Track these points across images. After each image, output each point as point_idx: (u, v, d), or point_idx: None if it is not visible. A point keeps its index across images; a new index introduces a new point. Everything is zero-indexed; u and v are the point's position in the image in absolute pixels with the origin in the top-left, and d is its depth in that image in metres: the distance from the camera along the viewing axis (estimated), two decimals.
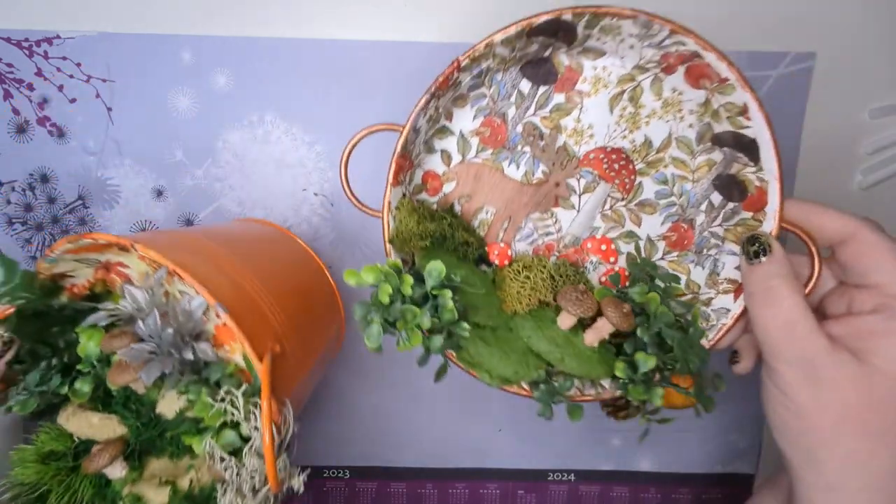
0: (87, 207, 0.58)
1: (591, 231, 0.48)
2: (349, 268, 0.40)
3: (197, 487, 0.42)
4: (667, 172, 0.46)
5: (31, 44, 0.55)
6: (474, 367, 0.43)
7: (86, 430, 0.42)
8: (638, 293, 0.44)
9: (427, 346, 0.40)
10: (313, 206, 0.58)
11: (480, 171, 0.47)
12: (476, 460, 0.64)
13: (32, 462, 0.42)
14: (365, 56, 0.56)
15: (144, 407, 0.43)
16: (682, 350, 0.42)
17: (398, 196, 0.45)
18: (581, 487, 0.65)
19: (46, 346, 0.43)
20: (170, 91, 0.56)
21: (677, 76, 0.43)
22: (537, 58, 0.44)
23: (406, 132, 0.43)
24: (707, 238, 0.46)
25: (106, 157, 0.57)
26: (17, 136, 0.56)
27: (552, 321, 0.44)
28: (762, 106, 0.39)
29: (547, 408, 0.44)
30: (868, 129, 0.58)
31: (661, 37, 0.40)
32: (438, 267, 0.40)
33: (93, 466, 0.41)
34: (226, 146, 0.57)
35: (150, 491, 0.42)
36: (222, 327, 0.42)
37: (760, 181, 0.42)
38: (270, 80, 0.56)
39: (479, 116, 0.46)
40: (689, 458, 0.64)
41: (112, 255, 0.42)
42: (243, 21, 0.55)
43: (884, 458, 0.37)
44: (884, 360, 0.37)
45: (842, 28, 0.56)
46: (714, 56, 0.39)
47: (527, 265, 0.46)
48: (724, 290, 0.45)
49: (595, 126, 0.46)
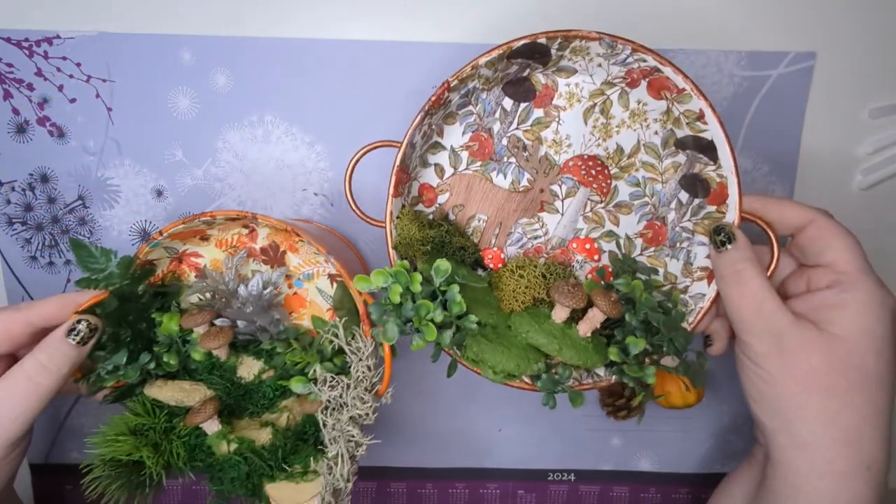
0: (87, 207, 0.58)
1: (574, 232, 0.53)
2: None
3: (293, 424, 0.50)
4: (638, 175, 0.51)
5: (31, 44, 0.55)
6: (478, 365, 0.47)
7: (179, 396, 0.48)
8: (623, 284, 0.47)
9: (439, 341, 0.43)
10: (313, 206, 0.58)
11: (472, 181, 0.52)
12: (476, 460, 0.64)
13: (125, 434, 0.47)
14: (365, 56, 0.56)
15: (227, 372, 0.50)
16: (667, 330, 0.46)
17: (398, 207, 0.49)
18: (581, 487, 0.65)
19: (127, 329, 0.47)
20: (170, 91, 0.56)
21: (641, 89, 0.48)
22: (517, 77, 0.49)
23: (404, 147, 0.46)
24: (679, 233, 0.51)
25: (106, 157, 0.57)
26: (17, 136, 0.56)
27: (547, 316, 0.48)
28: (715, 111, 0.44)
29: (550, 397, 0.47)
30: (868, 129, 0.58)
31: (624, 55, 0.45)
32: (444, 264, 0.43)
33: (197, 419, 0.47)
34: (226, 146, 0.57)
35: (252, 433, 0.50)
36: (292, 296, 0.52)
37: (720, 177, 0.47)
38: (270, 80, 0.56)
39: (468, 132, 0.51)
40: (689, 458, 0.65)
41: (191, 246, 0.51)
42: (243, 21, 0.55)
43: (849, 416, 0.42)
44: (840, 327, 0.42)
45: (842, 28, 0.56)
46: (671, 70, 0.44)
47: (520, 265, 0.51)
48: (698, 278, 0.50)
49: (572, 136, 0.51)
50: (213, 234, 0.51)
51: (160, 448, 0.48)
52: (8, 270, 0.59)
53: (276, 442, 0.49)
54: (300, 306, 0.53)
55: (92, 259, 0.46)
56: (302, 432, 0.50)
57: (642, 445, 0.64)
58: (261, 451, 0.48)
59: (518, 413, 0.63)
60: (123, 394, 0.49)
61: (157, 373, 0.49)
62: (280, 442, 0.49)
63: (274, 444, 0.49)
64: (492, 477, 0.65)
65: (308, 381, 0.48)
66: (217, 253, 0.51)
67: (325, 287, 0.52)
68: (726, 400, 0.63)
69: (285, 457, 0.48)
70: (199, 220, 0.46)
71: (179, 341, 0.49)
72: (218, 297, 0.50)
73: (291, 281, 0.52)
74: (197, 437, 0.49)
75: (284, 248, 0.52)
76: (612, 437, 0.64)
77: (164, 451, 0.48)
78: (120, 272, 0.47)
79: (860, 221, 0.60)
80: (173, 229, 0.46)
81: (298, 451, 0.49)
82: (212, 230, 0.50)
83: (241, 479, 0.48)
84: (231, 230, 0.51)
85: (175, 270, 0.51)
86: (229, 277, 0.49)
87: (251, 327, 0.50)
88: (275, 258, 0.52)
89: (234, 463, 0.48)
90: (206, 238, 0.50)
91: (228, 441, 0.48)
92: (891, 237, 0.61)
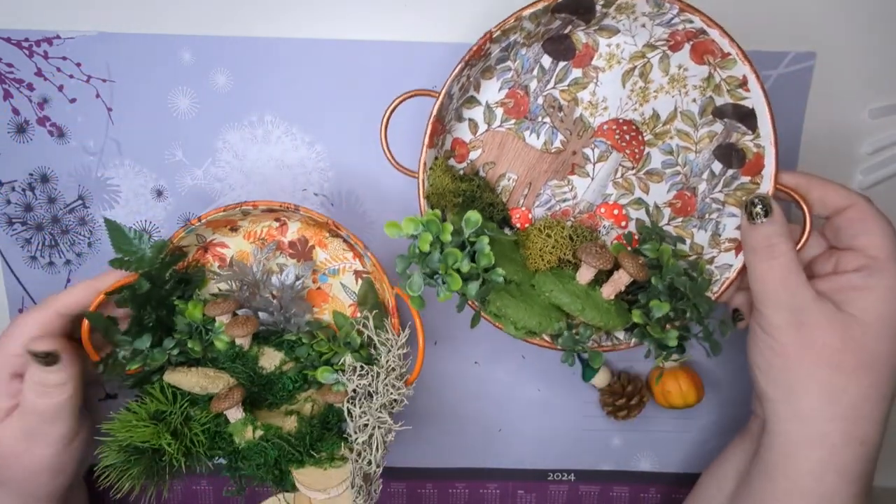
0: (87, 207, 0.58)
1: (603, 198, 0.52)
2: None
3: (317, 413, 0.51)
4: (672, 144, 0.50)
5: (31, 44, 0.55)
6: (500, 319, 0.47)
7: (203, 383, 0.48)
8: (651, 249, 0.48)
9: (465, 292, 0.43)
10: (313, 206, 0.58)
11: (504, 139, 0.51)
12: (476, 460, 0.64)
13: (145, 420, 0.47)
14: (365, 56, 0.56)
15: (249, 362, 0.51)
16: (692, 295, 0.46)
17: (432, 158, 0.49)
18: (581, 487, 0.65)
19: (151, 314, 0.48)
20: (170, 91, 0.56)
21: (683, 53, 0.48)
22: (558, 34, 0.48)
23: (442, 97, 0.46)
24: (709, 204, 0.51)
25: (106, 157, 0.57)
26: (17, 136, 0.56)
27: (571, 277, 0.49)
28: (759, 77, 0.44)
29: (569, 355, 0.48)
30: (868, 129, 0.58)
31: (671, 15, 0.44)
32: (475, 216, 0.43)
33: (222, 406, 0.47)
34: (226, 146, 0.57)
35: (276, 421, 0.50)
36: (316, 291, 0.54)
37: (758, 147, 0.47)
38: (270, 80, 0.56)
39: (504, 88, 0.50)
40: (689, 458, 0.64)
41: (219, 235, 0.52)
42: (243, 21, 0.55)
43: (852, 393, 0.43)
44: (861, 310, 0.43)
45: (842, 28, 0.56)
46: (717, 32, 0.44)
47: (548, 225, 0.51)
48: (725, 249, 0.50)
49: (609, 99, 0.50)
50: (244, 226, 0.52)
51: (180, 435, 0.48)
52: (8, 270, 0.59)
53: (302, 429, 0.50)
54: (323, 301, 0.54)
55: (126, 241, 0.47)
56: (326, 421, 0.51)
57: (642, 445, 0.64)
58: (288, 438, 0.49)
59: (518, 413, 0.63)
60: (142, 380, 0.49)
61: (178, 360, 0.50)
62: (306, 429, 0.50)
63: (301, 431, 0.50)
64: (492, 477, 0.65)
65: (335, 370, 0.48)
66: (244, 244, 0.52)
67: (350, 283, 0.54)
68: (726, 400, 0.63)
69: (312, 443, 0.49)
70: (240, 209, 0.47)
71: (203, 329, 0.50)
72: (243, 287, 0.51)
73: (317, 276, 0.54)
74: (217, 424, 0.49)
75: (313, 244, 0.53)
76: (612, 437, 0.64)
77: (185, 437, 0.48)
78: (152, 255, 0.47)
79: None
80: (212, 216, 0.47)
81: (324, 439, 0.50)
82: (244, 221, 0.51)
83: (268, 465, 0.48)
84: (262, 222, 0.52)
85: (199, 259, 0.52)
86: (257, 269, 0.51)
87: (274, 318, 0.51)
88: (303, 252, 0.53)
89: (262, 449, 0.48)
90: (236, 229, 0.51)
91: (255, 427, 0.49)
92: None
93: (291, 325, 0.52)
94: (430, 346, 0.61)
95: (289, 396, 0.52)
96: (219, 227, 0.51)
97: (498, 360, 0.62)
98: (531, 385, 0.62)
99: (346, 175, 0.58)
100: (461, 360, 0.62)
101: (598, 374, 0.60)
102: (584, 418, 0.63)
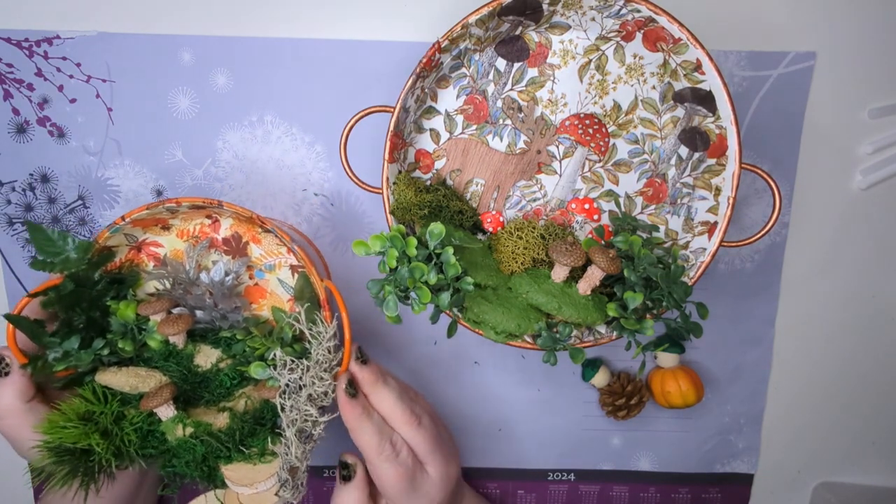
0: (87, 207, 0.58)
1: (573, 193, 0.52)
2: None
3: (251, 409, 0.50)
4: (637, 132, 0.51)
5: (31, 44, 0.55)
6: (479, 326, 0.48)
7: (134, 382, 0.48)
8: (622, 241, 0.48)
9: (436, 303, 0.44)
10: (313, 206, 0.58)
11: (468, 145, 0.52)
12: (476, 460, 0.64)
13: (74, 421, 0.46)
14: (365, 56, 0.56)
15: (183, 360, 0.50)
16: (666, 284, 0.46)
17: (395, 172, 0.49)
18: (581, 487, 0.65)
19: (80, 316, 0.47)
20: (170, 91, 0.56)
21: (636, 42, 0.48)
22: (510, 36, 0.49)
23: (397, 112, 0.47)
24: (679, 189, 0.51)
25: (106, 157, 0.57)
26: (17, 136, 0.56)
27: (547, 276, 0.49)
28: (712, 59, 0.44)
29: (550, 355, 0.48)
30: (868, 129, 0.58)
31: (618, 6, 0.45)
32: (438, 227, 0.43)
33: (151, 404, 0.47)
34: (226, 146, 0.57)
35: (209, 418, 0.49)
36: (253, 287, 0.53)
37: (719, 128, 0.47)
38: (270, 80, 0.56)
39: (462, 95, 0.51)
40: (689, 458, 0.65)
41: (151, 235, 0.51)
42: (243, 21, 0.55)
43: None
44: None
45: (842, 28, 0.56)
46: (665, 19, 0.44)
47: (518, 227, 0.51)
48: (699, 232, 0.50)
49: (568, 95, 0.50)
50: (175, 224, 0.51)
51: (110, 435, 0.47)
52: (8, 270, 0.59)
53: (233, 425, 0.49)
54: (260, 297, 0.53)
55: (48, 242, 0.46)
56: (260, 417, 0.50)
57: (642, 445, 0.64)
58: (217, 434, 0.48)
59: (518, 413, 0.63)
60: (73, 381, 0.49)
61: (109, 360, 0.49)
62: (237, 425, 0.49)
63: (231, 427, 0.49)
64: (492, 476, 0.65)
65: (267, 366, 0.48)
66: (178, 243, 0.51)
67: (287, 278, 0.53)
68: (726, 400, 0.63)
69: (242, 439, 0.49)
70: (163, 207, 0.46)
71: (135, 329, 0.49)
72: (177, 285, 0.50)
73: (253, 272, 0.53)
74: (150, 423, 0.49)
75: (247, 240, 0.52)
76: (612, 437, 0.64)
77: (115, 437, 0.47)
78: (77, 256, 0.46)
79: (860, 221, 0.60)
80: (136, 215, 0.46)
81: (256, 434, 0.49)
82: (174, 219, 0.50)
83: (196, 462, 0.48)
84: (194, 220, 0.51)
85: (133, 259, 0.51)
86: (190, 266, 0.50)
87: (209, 316, 0.51)
88: (237, 249, 0.52)
89: (190, 446, 0.48)
90: (168, 227, 0.51)
91: (184, 425, 0.48)
92: (891, 237, 0.61)
93: (228, 321, 0.51)
94: (430, 346, 0.61)
95: (227, 393, 0.51)
96: (148, 226, 0.50)
97: (498, 360, 0.62)
98: (531, 385, 0.62)
99: (346, 175, 0.58)
100: (461, 360, 0.62)
101: (597, 373, 0.60)
102: (584, 418, 0.63)
